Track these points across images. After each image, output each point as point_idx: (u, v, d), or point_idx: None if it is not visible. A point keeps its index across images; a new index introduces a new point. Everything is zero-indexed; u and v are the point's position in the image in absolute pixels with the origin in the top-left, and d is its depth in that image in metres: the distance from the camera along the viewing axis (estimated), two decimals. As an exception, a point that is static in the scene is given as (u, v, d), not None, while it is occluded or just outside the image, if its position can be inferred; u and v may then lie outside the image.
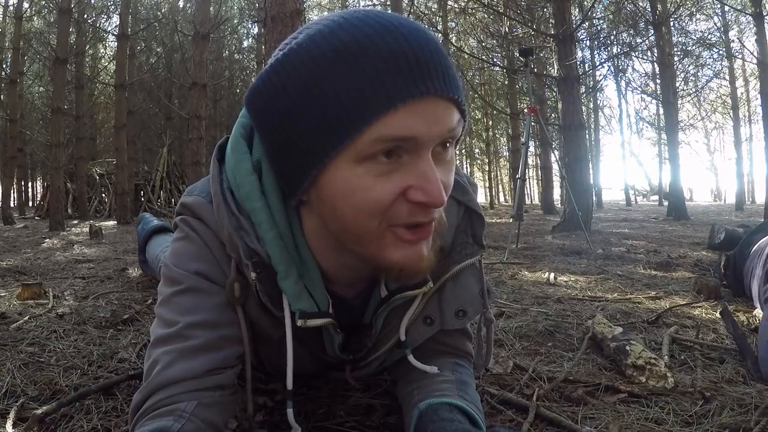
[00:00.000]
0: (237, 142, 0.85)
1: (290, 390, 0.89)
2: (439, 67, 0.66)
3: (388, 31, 0.66)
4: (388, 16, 0.68)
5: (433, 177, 0.68)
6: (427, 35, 0.68)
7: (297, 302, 0.84)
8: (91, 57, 18.75)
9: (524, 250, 4.64)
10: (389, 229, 0.73)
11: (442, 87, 0.66)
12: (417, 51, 0.65)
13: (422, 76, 0.65)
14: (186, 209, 0.91)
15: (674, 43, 14.56)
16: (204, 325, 0.86)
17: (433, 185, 0.68)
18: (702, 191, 44.06)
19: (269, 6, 3.44)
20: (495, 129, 24.42)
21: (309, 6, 18.38)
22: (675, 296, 2.50)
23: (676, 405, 1.20)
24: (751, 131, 22.47)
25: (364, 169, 0.69)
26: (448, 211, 0.93)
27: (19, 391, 1.27)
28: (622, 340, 1.49)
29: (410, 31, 0.67)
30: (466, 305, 0.98)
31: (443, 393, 0.96)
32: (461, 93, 0.70)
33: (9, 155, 12.03)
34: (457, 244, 0.96)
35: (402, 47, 0.65)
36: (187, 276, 0.88)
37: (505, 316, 2.11)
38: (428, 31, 0.70)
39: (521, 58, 5.28)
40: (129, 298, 2.41)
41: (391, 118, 0.65)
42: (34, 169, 24.43)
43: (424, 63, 0.65)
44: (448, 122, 0.69)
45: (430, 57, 0.66)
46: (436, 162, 0.71)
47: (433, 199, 0.68)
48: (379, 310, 0.95)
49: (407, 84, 0.64)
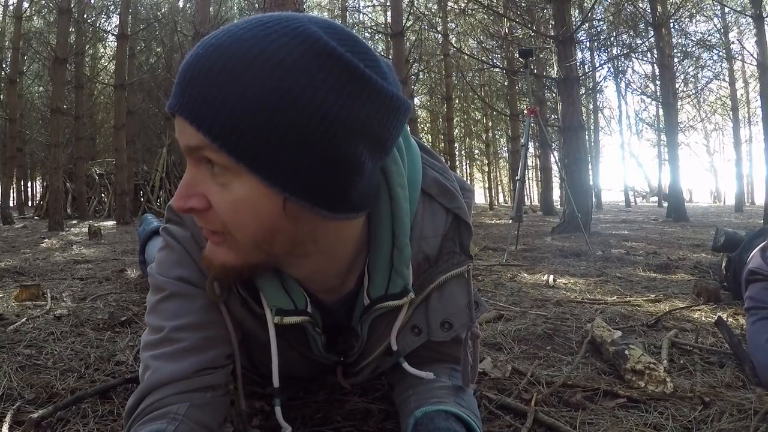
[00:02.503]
0: None
1: (277, 387, 0.89)
2: (187, 88, 0.66)
3: (196, 47, 0.69)
4: (210, 38, 0.69)
5: (182, 181, 0.72)
6: (201, 55, 0.66)
7: (272, 299, 0.86)
8: (91, 57, 18.71)
9: (523, 252, 4.64)
10: None
11: (180, 108, 0.67)
12: (184, 69, 0.68)
13: (175, 93, 0.68)
14: (170, 211, 0.93)
15: (674, 44, 14.57)
16: (189, 328, 0.87)
17: (179, 188, 0.72)
18: (701, 192, 44.11)
19: (268, 7, 3.44)
20: (495, 130, 24.42)
21: (309, 6, 18.37)
22: (674, 299, 2.49)
23: (675, 410, 1.20)
24: (750, 133, 22.50)
25: None
26: (434, 218, 0.92)
27: (16, 394, 1.26)
28: (621, 344, 1.48)
29: (201, 47, 0.67)
30: (452, 317, 0.95)
31: (439, 400, 0.95)
32: (203, 119, 0.65)
33: (8, 155, 12.01)
34: (443, 253, 0.93)
35: (183, 64, 0.68)
36: (170, 282, 0.90)
37: (504, 319, 2.10)
38: (225, 48, 0.65)
39: (521, 59, 5.27)
40: (127, 300, 2.40)
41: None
42: (34, 169, 24.41)
43: (179, 81, 0.68)
44: (185, 139, 0.69)
45: (184, 76, 0.67)
46: (213, 181, 0.70)
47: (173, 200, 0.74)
48: (362, 318, 0.94)
49: (172, 97, 0.69)
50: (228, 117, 0.64)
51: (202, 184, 0.71)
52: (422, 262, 0.92)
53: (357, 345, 1.00)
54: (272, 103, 0.63)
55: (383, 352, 0.99)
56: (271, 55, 0.63)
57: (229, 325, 0.90)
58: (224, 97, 0.63)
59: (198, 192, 0.71)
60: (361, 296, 0.93)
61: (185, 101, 0.66)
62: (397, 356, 0.97)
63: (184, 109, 0.66)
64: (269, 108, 0.63)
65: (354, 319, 0.98)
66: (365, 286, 0.91)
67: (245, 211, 0.70)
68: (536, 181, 26.57)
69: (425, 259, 0.92)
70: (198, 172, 0.70)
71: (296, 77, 0.62)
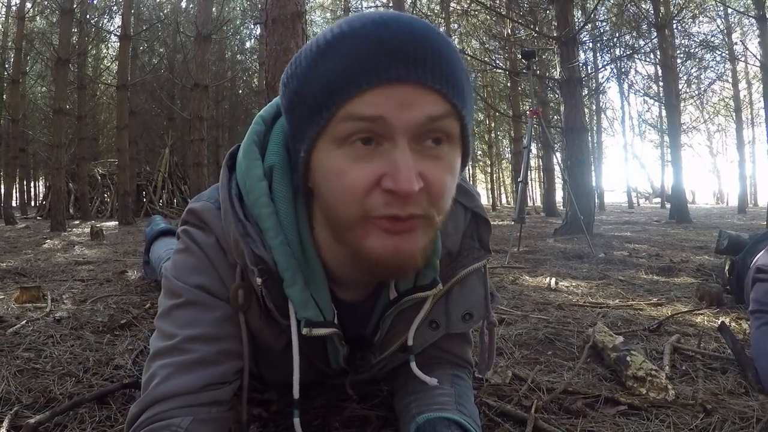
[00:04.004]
0: (249, 149, 0.85)
1: (297, 399, 0.86)
2: (426, 57, 0.66)
3: (377, 23, 0.67)
4: (394, 14, 0.69)
5: (403, 164, 0.67)
6: (423, 29, 0.68)
7: (303, 310, 0.84)
8: (94, 57, 18.80)
9: (526, 254, 4.63)
10: (370, 220, 0.71)
11: (421, 75, 0.66)
12: (400, 39, 0.66)
13: (399, 62, 0.65)
14: (192, 215, 0.90)
15: (677, 45, 14.55)
16: (203, 339, 0.85)
17: (401, 173, 0.66)
18: (704, 194, 44.05)
19: (270, 8, 3.42)
20: (497, 131, 24.42)
21: (311, 8, 18.38)
22: (677, 303, 2.48)
23: (677, 418, 1.18)
24: (753, 134, 22.48)
25: (342, 152, 0.70)
26: (455, 216, 0.95)
27: (14, 399, 1.26)
28: (622, 351, 1.47)
29: (402, 24, 0.67)
30: (473, 308, 1.00)
31: (441, 407, 0.95)
32: (452, 87, 0.69)
33: (11, 155, 12.07)
34: (464, 249, 0.97)
35: (384, 36, 0.66)
36: (188, 289, 0.87)
37: (506, 323, 2.09)
38: (431, 27, 0.70)
39: (524, 60, 5.26)
40: (127, 302, 2.40)
41: (360, 99, 0.67)
42: (37, 169, 24.51)
43: (405, 51, 0.66)
44: (425, 110, 0.67)
45: (414, 46, 0.66)
46: (425, 157, 0.70)
47: (399, 186, 0.66)
48: (386, 313, 0.94)
49: (381, 68, 0.65)
50: (463, 87, 0.71)
51: (417, 163, 0.69)
52: (445, 258, 0.94)
53: (374, 359, 1.00)
54: (466, 73, 0.73)
55: (397, 350, 0.99)
56: (449, 39, 0.72)
57: (244, 339, 0.88)
58: (459, 69, 0.70)
59: (417, 172, 0.69)
60: (386, 291, 0.93)
61: (434, 70, 0.67)
62: (410, 353, 0.97)
63: (436, 78, 0.67)
64: (466, 77, 0.72)
65: (372, 321, 0.98)
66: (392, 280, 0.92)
67: (452, 177, 0.74)
68: (539, 182, 26.54)
69: (447, 254, 0.95)
70: (414, 151, 0.69)
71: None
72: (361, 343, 1.00)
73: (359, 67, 0.66)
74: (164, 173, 14.97)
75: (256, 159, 0.83)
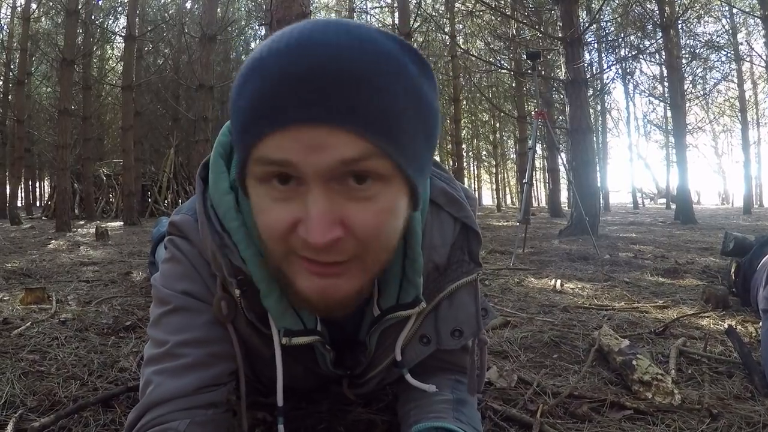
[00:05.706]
0: (215, 162, 0.84)
1: (281, 407, 0.88)
2: (340, 91, 0.58)
3: (290, 48, 0.60)
4: (316, 33, 0.61)
5: (315, 214, 0.61)
6: (340, 54, 0.59)
7: (281, 320, 0.83)
8: (99, 58, 18.82)
9: (531, 255, 4.62)
10: (297, 257, 0.67)
11: (332, 114, 0.59)
12: (308, 72, 0.58)
13: (303, 101, 0.58)
14: (174, 228, 0.91)
15: (682, 45, 14.49)
16: (193, 343, 0.85)
17: (313, 221, 0.61)
18: (709, 194, 43.89)
19: (275, 9, 3.43)
20: (502, 131, 24.40)
21: (316, 8, 18.40)
22: (683, 305, 2.47)
23: (683, 423, 1.18)
24: (759, 134, 22.42)
25: (263, 190, 0.65)
26: (443, 228, 0.92)
27: (18, 402, 1.26)
28: (628, 354, 1.47)
29: (317, 48, 0.59)
30: (462, 325, 0.95)
31: (438, 416, 0.94)
32: (374, 123, 0.60)
33: (16, 155, 12.12)
34: (452, 262, 0.93)
35: (290, 69, 0.59)
36: (175, 296, 0.88)
37: (511, 325, 2.09)
38: (358, 47, 0.60)
39: (529, 61, 5.25)
40: (132, 304, 2.40)
41: (267, 143, 0.61)
42: (42, 170, 24.57)
43: (311, 86, 0.58)
44: (337, 152, 0.60)
45: (324, 79, 0.58)
46: (350, 199, 0.63)
47: (309, 237, 0.62)
48: (371, 329, 0.93)
49: (289, 107, 0.59)
50: (397, 118, 0.62)
51: (339, 208, 0.63)
52: (432, 272, 0.91)
53: (365, 359, 0.99)
54: (411, 99, 0.63)
55: (390, 364, 0.98)
56: (394, 56, 0.63)
57: (235, 343, 0.88)
58: (390, 98, 0.61)
59: (337, 218, 0.63)
60: (371, 307, 0.92)
61: (349, 106, 0.59)
62: (402, 367, 0.96)
63: (349, 117, 0.59)
64: (410, 105, 0.63)
65: (362, 332, 0.97)
66: (374, 297, 0.90)
67: (390, 219, 0.67)
68: (544, 182, 26.50)
69: (435, 268, 0.92)
70: (333, 195, 0.63)
71: (416, 76, 0.65)
72: (350, 346, 1.00)
73: (267, 105, 0.60)
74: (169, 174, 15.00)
75: (222, 172, 0.83)
